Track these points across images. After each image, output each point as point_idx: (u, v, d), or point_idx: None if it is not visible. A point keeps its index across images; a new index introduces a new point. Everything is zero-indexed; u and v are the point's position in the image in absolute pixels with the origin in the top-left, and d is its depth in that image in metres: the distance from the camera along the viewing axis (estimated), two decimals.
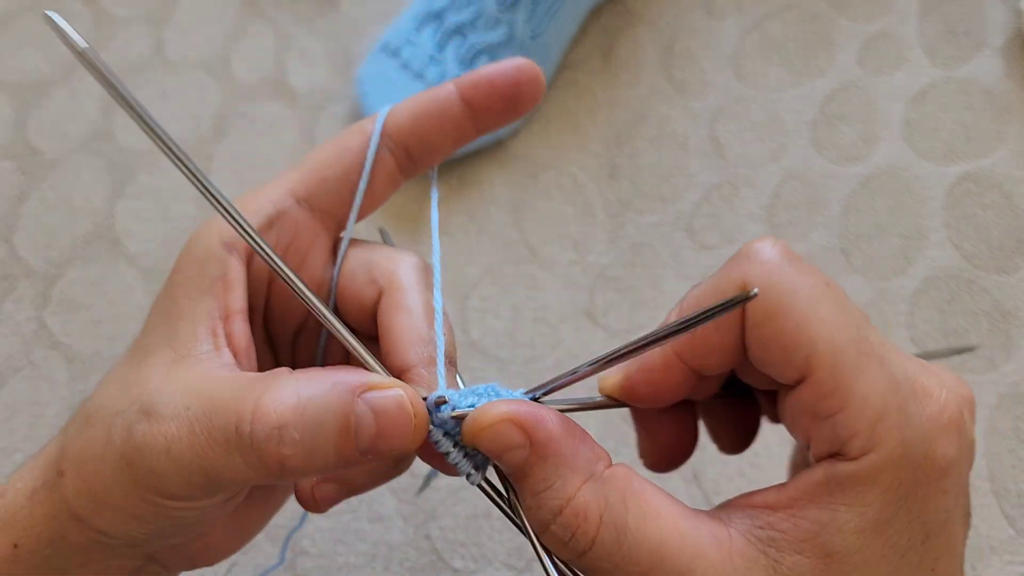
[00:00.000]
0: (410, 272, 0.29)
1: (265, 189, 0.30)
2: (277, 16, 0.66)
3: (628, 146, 0.60)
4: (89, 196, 0.59)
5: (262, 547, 0.49)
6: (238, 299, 0.28)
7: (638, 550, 0.24)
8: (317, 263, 0.30)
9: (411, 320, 0.28)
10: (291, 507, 0.50)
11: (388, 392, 0.24)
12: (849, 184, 0.58)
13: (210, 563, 0.31)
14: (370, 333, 0.30)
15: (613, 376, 0.28)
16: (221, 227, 0.29)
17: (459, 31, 0.57)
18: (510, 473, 0.25)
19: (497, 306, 0.55)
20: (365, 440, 0.24)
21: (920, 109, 0.60)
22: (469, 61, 0.57)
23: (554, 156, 0.60)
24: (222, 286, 0.28)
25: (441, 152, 0.31)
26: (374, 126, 0.30)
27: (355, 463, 0.25)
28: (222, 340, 0.28)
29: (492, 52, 0.57)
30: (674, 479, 0.49)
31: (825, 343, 0.24)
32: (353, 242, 0.31)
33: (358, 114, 0.60)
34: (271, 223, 0.29)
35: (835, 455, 0.24)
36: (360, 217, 0.31)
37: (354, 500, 0.50)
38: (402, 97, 0.58)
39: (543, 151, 0.60)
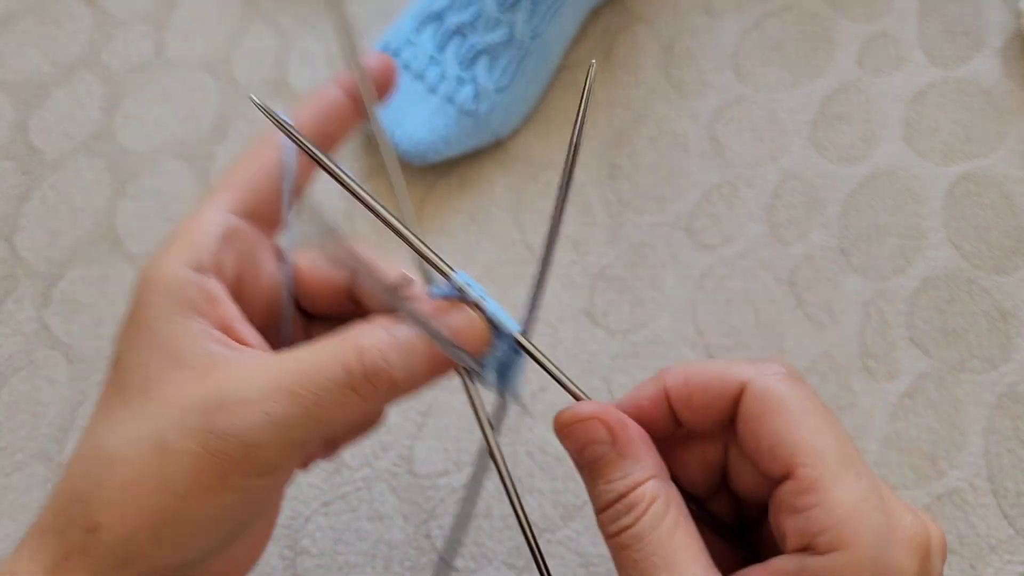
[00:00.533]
0: (365, 245, 0.34)
1: (206, 212, 0.31)
2: (278, 17, 0.66)
3: (627, 146, 0.60)
4: (90, 196, 0.60)
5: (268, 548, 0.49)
6: (231, 310, 0.30)
7: (661, 545, 0.28)
8: (270, 265, 0.33)
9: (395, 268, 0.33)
10: (289, 506, 0.50)
11: (456, 312, 0.30)
12: (848, 184, 0.58)
13: None
14: (345, 312, 0.34)
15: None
16: (179, 254, 0.30)
17: (459, 32, 0.57)
18: (587, 463, 0.30)
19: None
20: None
21: (919, 109, 0.60)
22: (469, 62, 0.57)
23: (554, 156, 0.60)
24: (207, 304, 0.29)
25: (339, 142, 0.35)
26: (284, 141, 0.33)
27: (442, 372, 0.30)
28: (236, 345, 0.29)
29: (492, 53, 0.57)
30: None
31: (808, 446, 0.28)
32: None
33: None
34: (227, 239, 0.31)
35: (806, 548, 0.27)
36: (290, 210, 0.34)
37: (354, 499, 0.50)
38: (402, 98, 0.58)
39: (543, 151, 0.60)
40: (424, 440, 0.51)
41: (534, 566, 0.48)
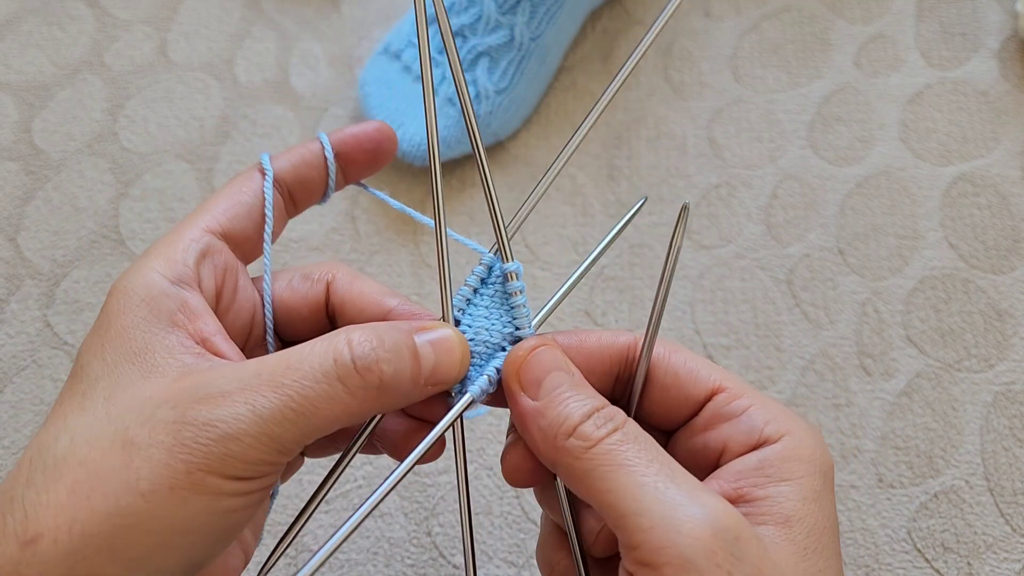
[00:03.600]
0: (341, 265, 0.34)
1: (185, 229, 0.31)
2: (279, 19, 0.66)
3: (627, 147, 0.60)
4: (93, 197, 0.60)
5: (263, 541, 0.49)
6: (210, 323, 0.29)
7: (651, 445, 0.28)
8: (247, 286, 0.33)
9: (371, 283, 0.33)
10: (291, 503, 0.50)
11: (438, 331, 0.29)
12: (846, 185, 0.58)
13: None
14: (322, 328, 0.33)
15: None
16: (157, 266, 0.29)
17: (460, 34, 0.58)
18: (548, 390, 0.29)
19: None
20: (428, 367, 0.28)
21: (916, 110, 0.60)
22: (470, 63, 0.58)
23: (553, 157, 0.60)
24: (185, 316, 0.29)
25: (316, 196, 0.35)
26: (264, 171, 0.34)
27: (419, 394, 0.29)
28: (213, 357, 0.28)
29: (493, 54, 0.58)
30: None
31: (719, 372, 0.31)
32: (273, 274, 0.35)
33: (360, 116, 0.61)
34: (204, 254, 0.31)
35: (757, 445, 0.29)
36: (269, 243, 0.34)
37: (355, 497, 0.50)
38: (403, 99, 0.58)
39: (542, 152, 0.60)
40: None
41: (534, 563, 0.49)
